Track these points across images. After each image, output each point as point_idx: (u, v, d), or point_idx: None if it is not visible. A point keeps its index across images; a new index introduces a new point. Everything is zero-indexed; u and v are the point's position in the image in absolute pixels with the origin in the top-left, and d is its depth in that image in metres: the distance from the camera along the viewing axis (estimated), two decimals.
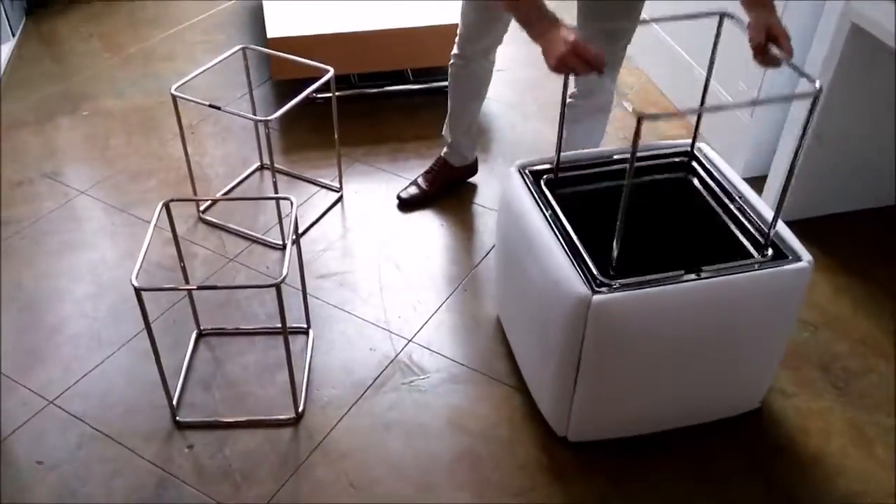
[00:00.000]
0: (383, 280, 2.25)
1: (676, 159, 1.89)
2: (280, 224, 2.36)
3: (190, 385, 1.96)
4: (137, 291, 1.66)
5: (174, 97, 2.22)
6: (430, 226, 2.41)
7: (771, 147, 2.46)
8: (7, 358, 2.01)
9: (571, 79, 1.91)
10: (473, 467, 1.79)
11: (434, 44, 2.83)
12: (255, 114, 2.59)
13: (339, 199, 2.54)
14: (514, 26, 1.75)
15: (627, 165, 1.39)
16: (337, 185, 2.57)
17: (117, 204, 2.50)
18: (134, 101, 2.99)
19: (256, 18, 3.51)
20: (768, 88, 2.45)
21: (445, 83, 3.00)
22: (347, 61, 2.77)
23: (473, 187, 2.56)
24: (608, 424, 1.75)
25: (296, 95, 2.20)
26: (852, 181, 2.40)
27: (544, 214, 1.67)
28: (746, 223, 1.69)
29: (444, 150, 2.48)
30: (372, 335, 2.09)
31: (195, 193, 2.46)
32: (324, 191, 2.57)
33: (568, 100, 2.24)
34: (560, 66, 1.51)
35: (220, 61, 2.35)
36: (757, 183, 2.57)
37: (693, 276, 1.54)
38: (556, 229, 1.63)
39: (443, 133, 2.46)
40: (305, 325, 2.09)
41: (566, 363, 1.61)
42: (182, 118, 2.29)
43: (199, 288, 1.91)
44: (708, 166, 1.85)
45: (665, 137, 2.81)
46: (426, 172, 2.53)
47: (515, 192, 1.78)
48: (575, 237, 1.61)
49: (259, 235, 2.38)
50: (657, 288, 1.51)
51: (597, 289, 1.50)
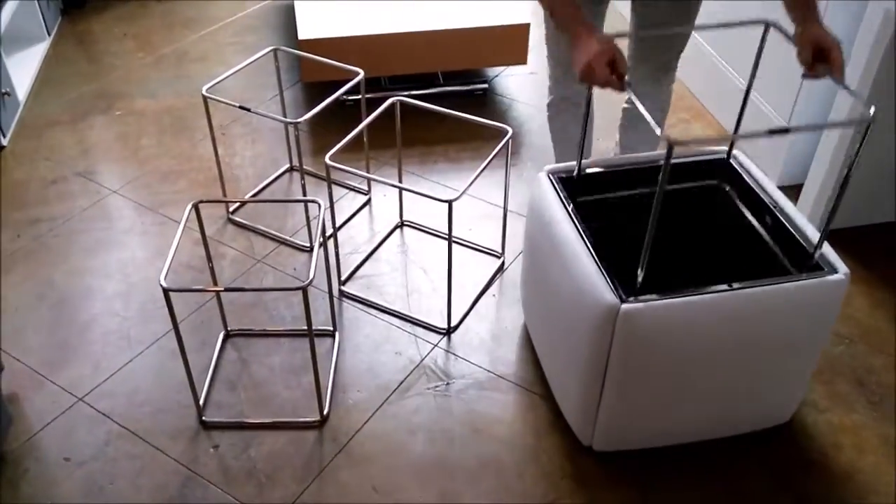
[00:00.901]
0: (410, 284, 2.25)
1: (712, 167, 1.86)
2: (308, 226, 2.36)
3: (216, 385, 1.97)
4: (165, 292, 1.67)
5: (205, 98, 2.24)
6: (458, 230, 2.40)
7: (807, 155, 2.42)
8: (38, 354, 2.04)
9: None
10: (497, 475, 1.77)
11: (464, 46, 2.83)
12: (284, 115, 2.60)
13: (368, 202, 2.54)
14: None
15: (660, 176, 1.36)
16: (366, 187, 2.57)
17: (148, 203, 2.52)
18: (166, 101, 3.01)
19: (288, 20, 3.53)
20: (806, 96, 2.41)
21: (475, 86, 3.03)
22: (378, 64, 2.78)
23: (502, 192, 2.55)
24: (634, 435, 1.73)
25: (326, 97, 2.20)
26: (890, 191, 2.35)
27: (573, 221, 1.66)
28: (783, 235, 1.66)
29: None
30: (398, 339, 2.09)
31: (224, 195, 2.47)
32: (352, 193, 2.58)
33: (623, 105, 2.23)
34: (586, 71, 1.50)
35: (251, 62, 2.36)
36: (792, 191, 2.54)
37: (724, 287, 1.51)
38: (584, 237, 1.62)
39: None
40: (332, 328, 2.09)
41: (592, 372, 1.59)
42: (213, 119, 2.31)
43: (227, 290, 1.93)
44: (743, 175, 1.82)
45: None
46: None
47: (544, 198, 1.76)
48: (591, 249, 1.59)
49: (287, 237, 2.39)
50: (686, 298, 1.49)
51: (625, 298, 1.48)
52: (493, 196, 2.52)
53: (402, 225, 2.46)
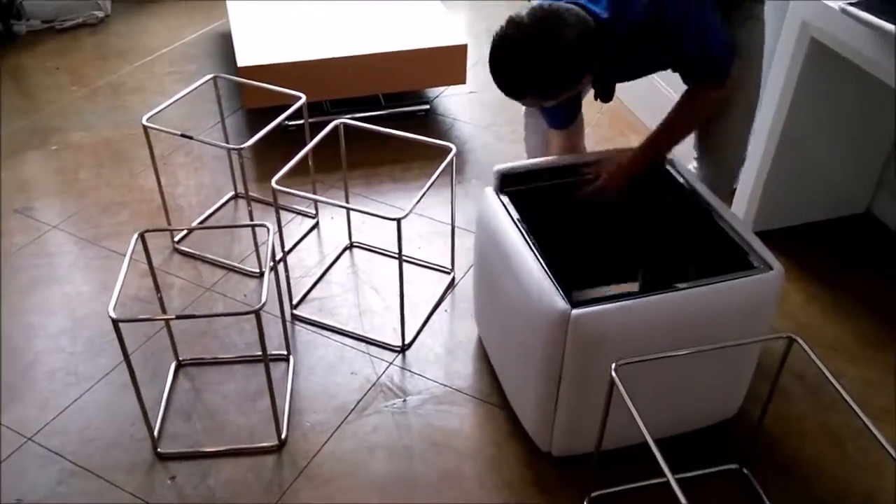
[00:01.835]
0: (363, 304, 2.26)
1: (653, 173, 1.93)
2: (257, 251, 2.36)
3: (170, 416, 1.95)
4: (115, 323, 1.65)
5: (146, 128, 2.23)
6: (407, 248, 2.43)
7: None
8: None
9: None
10: (458, 486, 1.79)
11: (404, 68, 2.87)
12: (227, 142, 2.60)
13: (316, 225, 2.55)
14: None
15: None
16: (313, 211, 2.58)
17: (90, 237, 2.49)
18: (103, 133, 2.98)
19: (226, 47, 3.53)
20: None
21: (417, 107, 3.08)
22: (319, 88, 2.79)
23: (448, 209, 2.59)
24: (590, 438, 1.76)
25: (268, 123, 2.21)
26: (818, 192, 2.47)
27: (520, 230, 1.70)
28: (720, 236, 1.73)
29: None
30: (353, 359, 2.10)
31: (169, 224, 2.46)
32: (300, 217, 2.58)
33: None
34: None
35: (192, 91, 2.36)
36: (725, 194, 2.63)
37: (668, 289, 1.57)
38: (531, 244, 1.66)
39: None
40: (286, 352, 2.09)
41: (547, 378, 1.62)
42: (154, 149, 2.29)
43: (178, 318, 1.91)
44: (678, 178, 1.89)
45: None
46: None
47: (490, 210, 1.80)
48: (539, 257, 1.64)
49: (235, 264, 2.38)
50: (634, 301, 1.54)
51: (574, 304, 1.52)
52: (439, 213, 2.56)
53: (351, 246, 2.47)
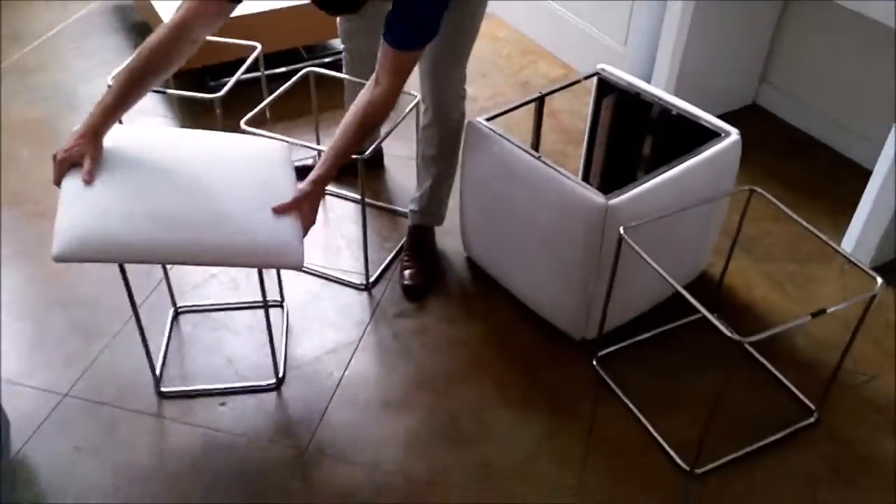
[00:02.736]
0: (331, 244, 2.42)
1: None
2: None
3: (175, 359, 2.05)
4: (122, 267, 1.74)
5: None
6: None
7: (647, 68, 2.87)
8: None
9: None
10: (483, 369, 2.03)
11: (325, 19, 2.99)
12: (175, 103, 2.64)
13: None
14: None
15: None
16: None
17: (50, 212, 2.47)
18: (24, 113, 2.91)
19: (122, 20, 3.49)
20: (637, 18, 2.85)
21: (337, 57, 3.21)
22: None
23: (403, 150, 2.76)
24: (613, 319, 2.00)
25: (195, 87, 2.29)
26: (710, 88, 2.86)
27: (527, 151, 1.93)
28: (677, 119, 2.05)
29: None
30: (338, 294, 2.27)
31: None
32: None
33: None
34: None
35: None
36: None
37: (667, 167, 1.88)
38: (544, 161, 1.90)
39: None
40: (280, 299, 2.19)
41: (586, 268, 1.88)
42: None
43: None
44: (620, 82, 2.18)
45: (551, 79, 3.16)
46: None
47: (488, 138, 2.00)
48: (557, 169, 1.87)
49: None
50: (650, 183, 1.84)
51: (608, 196, 1.79)
52: (399, 149, 2.74)
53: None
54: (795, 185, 2.61)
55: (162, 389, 1.94)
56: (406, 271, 2.25)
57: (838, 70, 2.68)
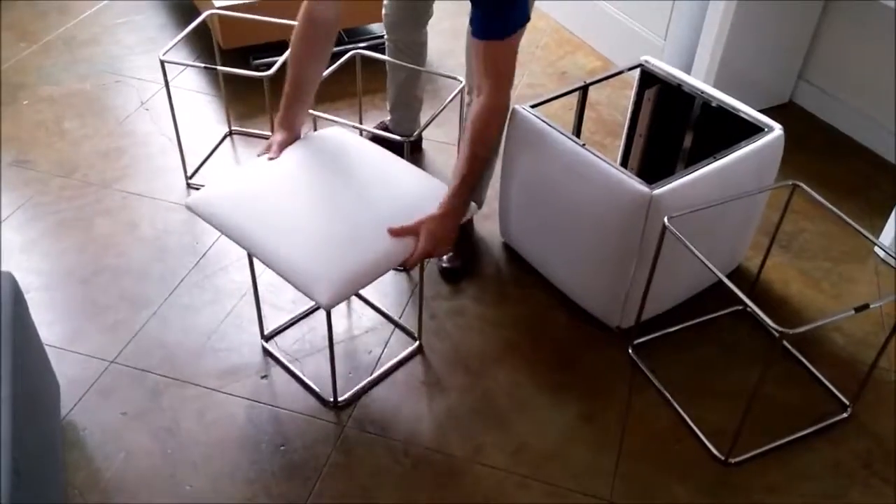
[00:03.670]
0: None
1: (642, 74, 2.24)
2: None
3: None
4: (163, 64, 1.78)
5: (163, 63, 2.30)
6: None
7: (687, 63, 2.88)
8: (49, 330, 2.05)
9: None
10: (520, 352, 2.06)
11: (370, 3, 3.02)
12: (221, 81, 2.69)
13: None
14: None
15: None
16: None
17: (100, 181, 2.53)
18: (72, 85, 2.97)
19: None
20: (678, 17, 2.86)
21: (378, 41, 3.24)
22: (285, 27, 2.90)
23: (445, 134, 2.79)
24: (649, 309, 2.03)
25: (240, 64, 2.32)
26: (748, 86, 2.87)
27: (572, 139, 1.96)
28: (721, 113, 2.07)
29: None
30: None
31: (183, 162, 2.53)
32: None
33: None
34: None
35: (192, 29, 2.43)
36: None
37: (712, 159, 1.90)
38: (588, 149, 1.92)
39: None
40: None
41: (626, 257, 1.91)
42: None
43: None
44: (665, 75, 2.20)
45: (588, 70, 3.18)
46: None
47: (533, 125, 2.03)
48: (601, 157, 1.90)
49: None
50: (694, 174, 1.86)
51: (652, 186, 1.81)
52: (441, 135, 2.77)
53: None
54: (830, 184, 2.62)
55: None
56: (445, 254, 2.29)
57: (876, 70, 2.68)
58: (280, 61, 2.31)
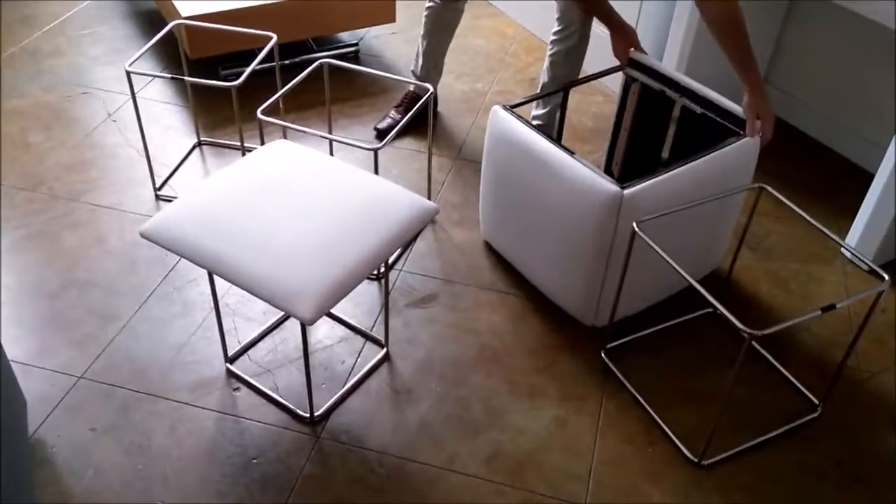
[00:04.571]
0: None
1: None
2: None
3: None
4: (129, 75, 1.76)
5: (129, 73, 2.27)
6: (384, 175, 2.62)
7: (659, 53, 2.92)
8: (15, 346, 2.02)
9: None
10: (494, 358, 2.06)
11: (337, 10, 3.02)
12: (189, 91, 2.66)
13: None
14: None
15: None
16: None
17: (67, 194, 2.50)
18: (36, 98, 2.93)
19: (132, 7, 3.50)
20: (644, 24, 2.88)
21: (347, 49, 3.24)
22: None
23: (417, 140, 2.80)
24: (623, 307, 2.04)
25: (208, 74, 2.31)
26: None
27: (549, 138, 1.97)
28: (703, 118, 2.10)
29: (412, 86, 2.84)
30: None
31: (152, 174, 2.50)
32: None
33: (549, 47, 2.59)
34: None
35: (157, 40, 2.41)
36: None
37: (685, 161, 1.92)
38: (564, 149, 1.93)
39: (412, 69, 2.82)
40: None
41: (598, 256, 1.92)
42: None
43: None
44: (652, 67, 2.22)
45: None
46: (396, 105, 2.85)
47: (509, 125, 2.05)
48: (575, 157, 1.91)
49: None
50: (665, 175, 1.87)
51: (623, 186, 1.83)
52: (408, 144, 2.77)
53: None
54: (797, 187, 2.65)
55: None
56: None
57: (841, 73, 2.73)
58: (248, 71, 2.29)
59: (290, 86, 2.28)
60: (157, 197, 2.50)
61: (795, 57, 2.86)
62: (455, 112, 2.98)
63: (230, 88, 2.24)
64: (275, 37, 2.42)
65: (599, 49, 3.12)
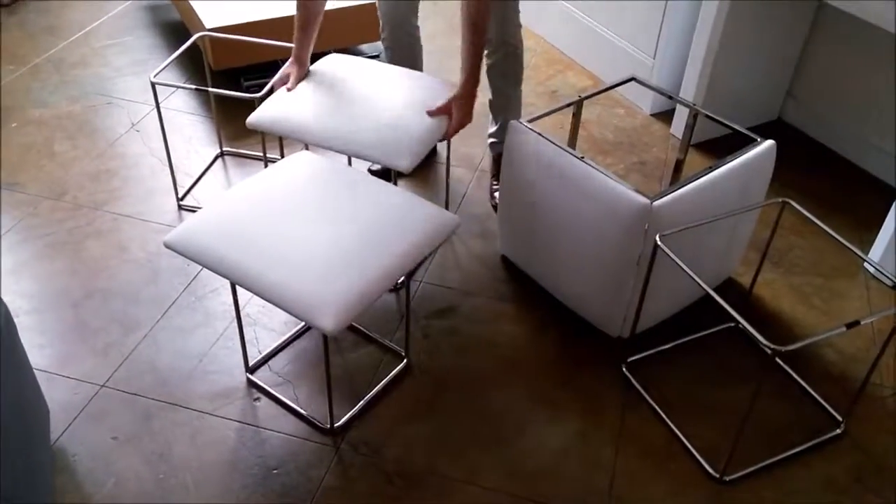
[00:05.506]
0: None
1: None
2: None
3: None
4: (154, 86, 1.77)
5: (153, 84, 2.30)
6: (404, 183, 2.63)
7: (676, 82, 2.90)
8: (39, 354, 2.04)
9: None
10: (514, 370, 2.06)
11: (328, 28, 3.01)
12: (212, 102, 2.68)
13: None
14: None
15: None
16: None
17: (90, 203, 2.52)
18: (61, 108, 2.96)
19: (157, 18, 3.54)
20: (667, 34, 2.88)
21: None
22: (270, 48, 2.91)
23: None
24: (647, 319, 2.05)
25: (230, 85, 2.33)
26: (735, 104, 2.89)
27: (570, 153, 1.97)
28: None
29: None
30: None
31: (174, 183, 2.53)
32: None
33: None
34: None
35: (183, 50, 2.43)
36: (664, 116, 3.01)
37: (708, 170, 1.94)
38: (587, 162, 1.94)
39: None
40: None
41: (628, 266, 1.92)
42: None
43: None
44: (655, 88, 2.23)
45: (579, 89, 3.20)
46: None
47: (531, 140, 2.06)
48: (602, 171, 1.91)
49: None
50: (691, 185, 1.89)
51: (652, 197, 1.83)
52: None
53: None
54: (819, 200, 2.64)
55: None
56: (496, 193, 2.55)
57: (864, 87, 2.71)
58: (271, 83, 2.31)
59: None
60: (180, 207, 2.52)
61: (819, 71, 2.85)
62: (474, 123, 2.94)
63: (253, 100, 2.26)
64: None
65: (614, 59, 3.14)
